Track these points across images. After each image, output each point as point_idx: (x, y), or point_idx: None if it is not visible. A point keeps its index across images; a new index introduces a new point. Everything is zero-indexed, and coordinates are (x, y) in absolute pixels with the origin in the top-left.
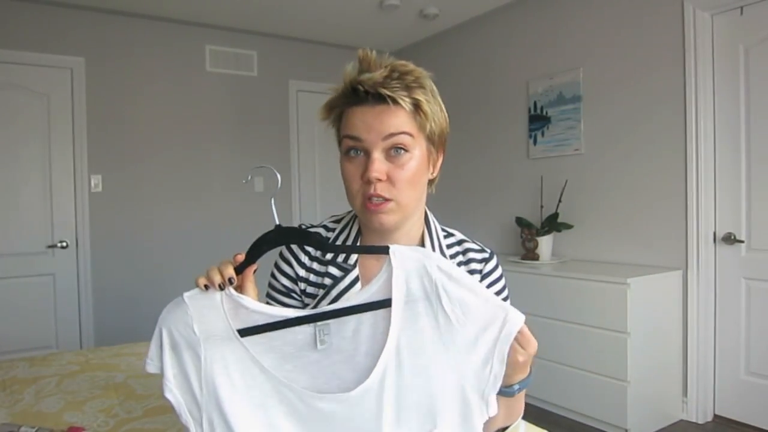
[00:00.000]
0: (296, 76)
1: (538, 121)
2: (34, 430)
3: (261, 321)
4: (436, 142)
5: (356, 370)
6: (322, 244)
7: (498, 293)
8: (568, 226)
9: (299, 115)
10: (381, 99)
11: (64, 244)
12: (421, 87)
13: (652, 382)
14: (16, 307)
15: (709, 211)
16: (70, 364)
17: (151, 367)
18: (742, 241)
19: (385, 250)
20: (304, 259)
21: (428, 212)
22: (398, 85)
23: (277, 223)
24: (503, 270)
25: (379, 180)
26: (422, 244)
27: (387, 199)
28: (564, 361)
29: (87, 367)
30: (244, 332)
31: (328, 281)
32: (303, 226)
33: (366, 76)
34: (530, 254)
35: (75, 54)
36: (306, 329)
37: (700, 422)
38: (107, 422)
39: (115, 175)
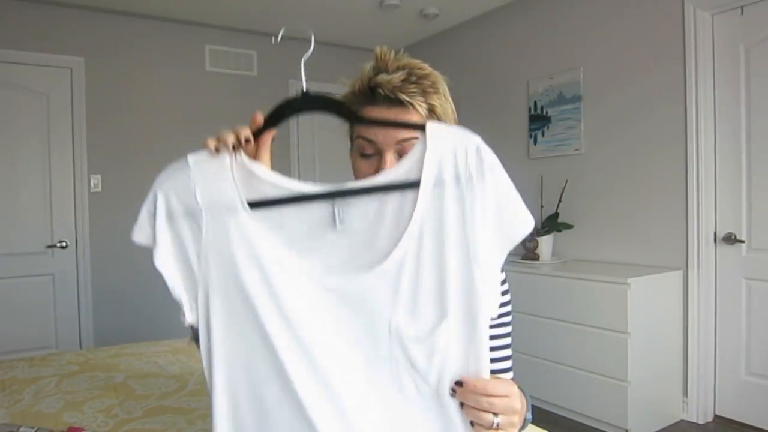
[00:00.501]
0: (296, 76)
1: (538, 120)
2: (34, 430)
3: (275, 194)
4: None
5: (374, 252)
6: (351, 113)
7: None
8: (568, 226)
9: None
10: (396, 102)
11: (64, 244)
12: (437, 92)
13: (653, 383)
14: (16, 307)
15: (709, 211)
16: (70, 364)
17: (139, 236)
18: (742, 241)
19: (422, 127)
20: None
21: None
22: (415, 90)
23: (305, 89)
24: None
25: None
26: None
27: None
28: (564, 361)
29: (86, 367)
30: (255, 205)
31: None
32: None
33: (384, 78)
34: (530, 254)
35: (74, 54)
36: (324, 207)
37: (700, 422)
38: (107, 422)
39: (114, 175)
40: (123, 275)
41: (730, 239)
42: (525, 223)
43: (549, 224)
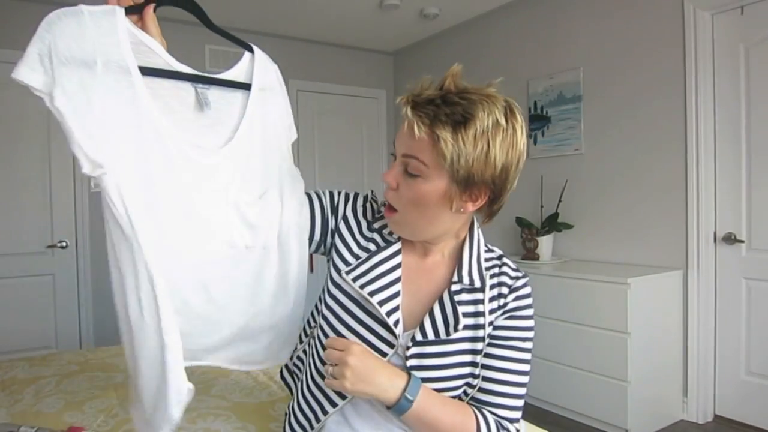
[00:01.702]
0: (296, 76)
1: (538, 120)
2: (34, 430)
3: (158, 65)
4: (464, 182)
5: (217, 137)
6: (210, 23)
7: (521, 314)
8: (568, 226)
9: (299, 114)
10: (408, 116)
11: (64, 244)
12: (460, 123)
13: (653, 382)
14: (16, 307)
15: (709, 211)
16: (70, 364)
17: (28, 76)
18: (742, 241)
19: (250, 48)
20: (362, 221)
21: (476, 232)
22: (428, 113)
23: None
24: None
25: (390, 186)
26: (460, 255)
27: (393, 210)
28: (564, 361)
29: (86, 367)
30: (143, 71)
31: (372, 247)
32: (372, 191)
33: (415, 90)
34: (530, 254)
35: None
36: (189, 88)
37: (700, 422)
38: (107, 422)
39: None
40: None
41: (730, 239)
42: (294, 132)
43: (549, 224)
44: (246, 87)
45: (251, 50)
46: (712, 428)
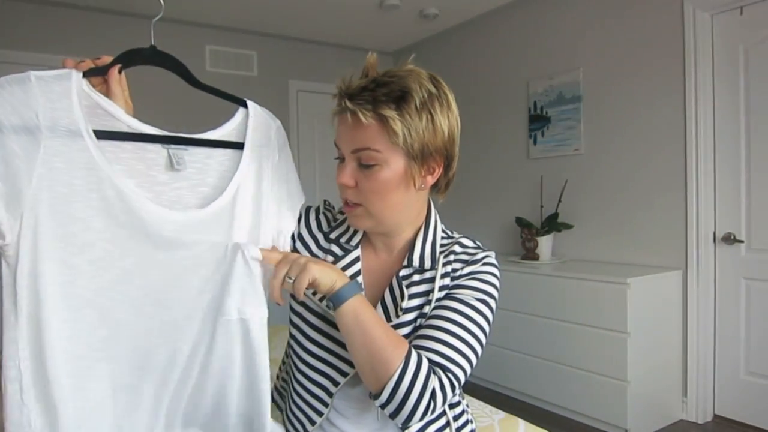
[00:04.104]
0: (296, 76)
1: (538, 121)
2: None
3: (117, 128)
4: (420, 156)
5: (199, 198)
6: (195, 81)
7: (478, 276)
8: (568, 226)
9: (299, 115)
10: (346, 108)
11: None
12: (400, 100)
13: (652, 382)
14: None
15: (708, 211)
16: None
17: None
18: (741, 241)
19: (243, 103)
20: (318, 235)
21: (432, 218)
22: (366, 99)
23: (153, 44)
24: (502, 272)
25: (347, 186)
26: (413, 241)
27: (356, 204)
28: (564, 361)
29: None
30: (99, 135)
31: (330, 258)
32: (326, 201)
33: (343, 84)
34: (530, 254)
35: (75, 54)
36: (159, 149)
37: (699, 422)
38: None
39: None
40: None
41: (730, 239)
42: (302, 197)
43: (549, 224)
44: (238, 146)
45: (245, 105)
46: (711, 428)
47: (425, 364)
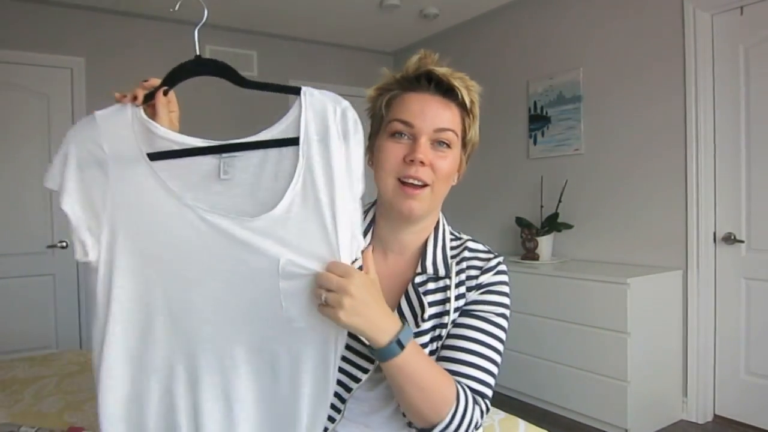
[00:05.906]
0: (296, 76)
1: (538, 121)
2: (34, 430)
3: (167, 147)
4: (468, 151)
5: (257, 204)
6: (242, 80)
7: (495, 289)
8: (568, 226)
9: None
10: (441, 92)
11: (64, 244)
12: (476, 92)
13: (652, 382)
14: (16, 307)
15: (709, 211)
16: (70, 363)
17: (50, 182)
18: (742, 241)
19: (297, 91)
20: None
21: (440, 222)
22: (461, 84)
23: (198, 53)
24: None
25: (423, 164)
26: (425, 247)
27: (425, 185)
28: (564, 361)
29: (87, 367)
30: (153, 157)
31: None
32: None
33: (436, 67)
34: (530, 254)
35: (75, 54)
36: (211, 160)
37: (700, 422)
38: None
39: None
40: None
41: (730, 239)
42: (362, 187)
43: (549, 224)
44: (293, 142)
45: (298, 93)
46: (711, 428)
47: (470, 401)
